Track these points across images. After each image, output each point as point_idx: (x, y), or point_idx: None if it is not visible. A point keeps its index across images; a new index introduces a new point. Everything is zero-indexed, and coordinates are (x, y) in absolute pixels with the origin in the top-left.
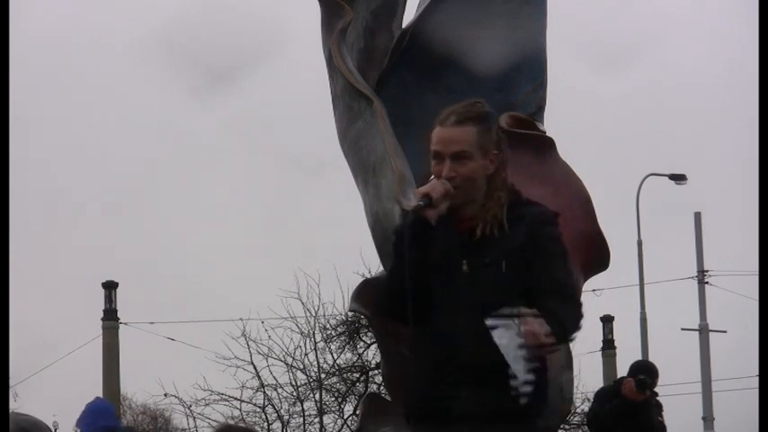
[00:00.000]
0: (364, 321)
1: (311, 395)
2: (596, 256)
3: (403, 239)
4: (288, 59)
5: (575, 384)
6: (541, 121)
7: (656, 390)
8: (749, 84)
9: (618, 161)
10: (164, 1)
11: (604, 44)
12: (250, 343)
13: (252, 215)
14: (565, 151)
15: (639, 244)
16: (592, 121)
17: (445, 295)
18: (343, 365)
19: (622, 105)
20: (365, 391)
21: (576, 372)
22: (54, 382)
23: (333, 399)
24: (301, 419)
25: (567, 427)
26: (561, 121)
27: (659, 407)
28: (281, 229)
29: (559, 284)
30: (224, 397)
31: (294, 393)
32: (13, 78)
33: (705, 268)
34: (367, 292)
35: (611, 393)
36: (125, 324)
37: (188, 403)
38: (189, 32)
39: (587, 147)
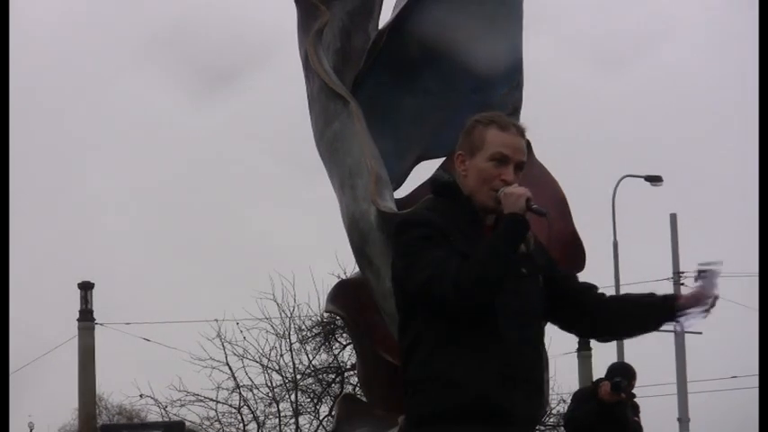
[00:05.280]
0: (340, 322)
1: (287, 396)
2: (572, 258)
3: (510, 240)
4: (286, 60)
5: (550, 385)
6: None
7: (633, 391)
8: (725, 87)
9: (594, 162)
10: (162, 2)
11: (586, 47)
12: (225, 344)
13: (225, 216)
14: (541, 152)
15: (615, 245)
16: (568, 121)
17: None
18: (319, 366)
19: (599, 107)
20: (341, 392)
21: (551, 373)
22: (30, 383)
23: (308, 400)
24: (277, 420)
25: (542, 427)
26: (537, 122)
27: (636, 408)
28: (255, 229)
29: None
30: (199, 398)
31: (270, 394)
32: (12, 77)
33: (680, 269)
34: (343, 293)
35: (588, 395)
36: (101, 325)
37: (163, 404)
38: (188, 33)
39: (563, 148)
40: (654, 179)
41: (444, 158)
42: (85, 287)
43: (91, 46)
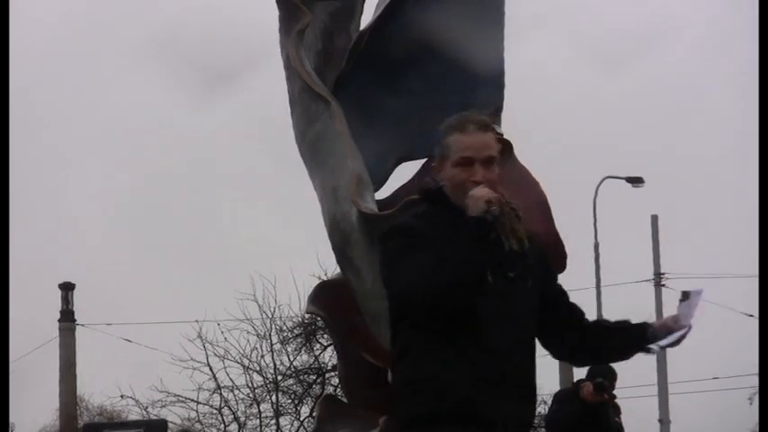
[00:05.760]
0: (321, 323)
1: (268, 397)
2: (553, 259)
3: (472, 243)
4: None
5: None
6: (499, 123)
7: (614, 392)
8: (717, 88)
9: (575, 164)
10: (163, 2)
11: (581, 47)
12: (206, 345)
13: (209, 217)
14: (522, 153)
15: (596, 246)
16: (549, 123)
17: (478, 305)
18: (300, 367)
19: (580, 107)
20: (321, 393)
21: None
22: (10, 384)
23: (289, 400)
24: (258, 421)
25: None
26: (519, 123)
27: (617, 408)
28: (236, 230)
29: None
30: (180, 399)
31: (251, 395)
32: (13, 76)
33: (662, 271)
34: (324, 294)
35: (569, 396)
36: (82, 325)
37: (144, 405)
38: (188, 33)
39: (544, 149)
40: (635, 180)
41: (426, 159)
42: (67, 288)
43: (91, 46)
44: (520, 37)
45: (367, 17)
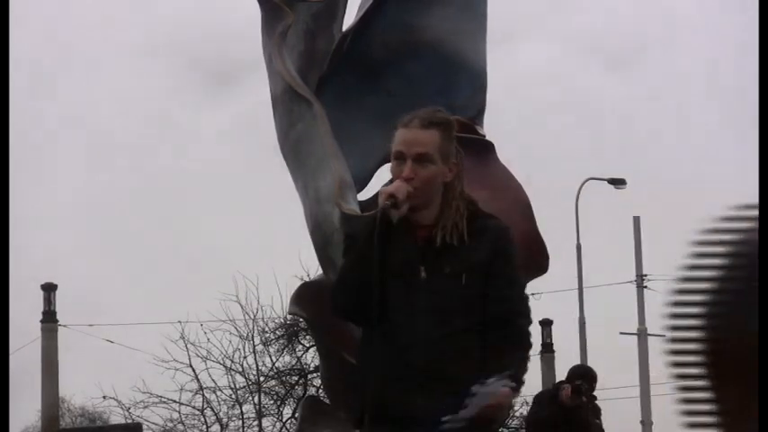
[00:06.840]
0: (303, 324)
1: (250, 398)
2: (535, 260)
3: (366, 239)
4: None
5: None
6: (481, 124)
7: (595, 393)
8: (685, 88)
9: (557, 165)
10: (169, 2)
11: (555, 46)
12: (189, 345)
13: (187, 217)
14: (504, 154)
15: (578, 248)
16: (531, 124)
17: (403, 300)
18: (282, 368)
19: (561, 109)
20: (304, 395)
21: None
22: None
23: (272, 402)
24: (240, 422)
25: (505, 430)
26: (500, 124)
27: (597, 411)
28: (219, 230)
29: (510, 319)
30: (163, 399)
31: (233, 396)
32: (16, 76)
33: (644, 272)
34: (306, 295)
35: (549, 398)
36: (64, 326)
37: (127, 406)
38: (195, 34)
39: (526, 150)
40: (617, 182)
41: None
42: (49, 288)
43: (91, 46)
44: (505, 38)
45: (350, 18)
